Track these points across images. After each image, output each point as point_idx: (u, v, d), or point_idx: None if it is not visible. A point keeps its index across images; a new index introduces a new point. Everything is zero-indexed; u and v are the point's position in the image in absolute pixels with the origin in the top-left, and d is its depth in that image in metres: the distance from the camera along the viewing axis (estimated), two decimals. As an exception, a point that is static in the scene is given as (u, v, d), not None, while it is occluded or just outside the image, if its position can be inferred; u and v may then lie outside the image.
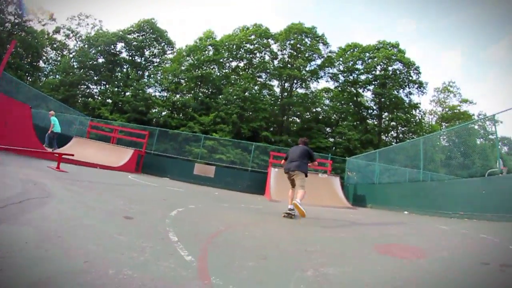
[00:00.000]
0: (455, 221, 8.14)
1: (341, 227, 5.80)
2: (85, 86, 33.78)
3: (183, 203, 6.04)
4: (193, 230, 3.46)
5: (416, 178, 13.63)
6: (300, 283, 2.01)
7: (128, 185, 8.27)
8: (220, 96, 30.70)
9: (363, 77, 34.64)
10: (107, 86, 33.13)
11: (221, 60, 33.69)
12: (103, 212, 3.51)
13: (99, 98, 32.40)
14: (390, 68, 33.61)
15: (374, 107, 35.54)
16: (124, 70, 35.09)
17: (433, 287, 2.26)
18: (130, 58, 35.38)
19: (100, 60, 34.18)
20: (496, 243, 4.58)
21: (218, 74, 33.42)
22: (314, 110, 34.11)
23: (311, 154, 6.87)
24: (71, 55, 35.88)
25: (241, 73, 34.55)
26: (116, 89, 31.85)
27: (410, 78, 34.06)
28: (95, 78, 33.61)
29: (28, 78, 34.32)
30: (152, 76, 34.43)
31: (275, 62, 34.34)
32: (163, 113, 30.25)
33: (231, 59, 35.07)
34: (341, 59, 34.81)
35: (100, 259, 1.87)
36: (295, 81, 33.83)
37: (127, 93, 30.91)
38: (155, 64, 36.21)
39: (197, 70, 31.93)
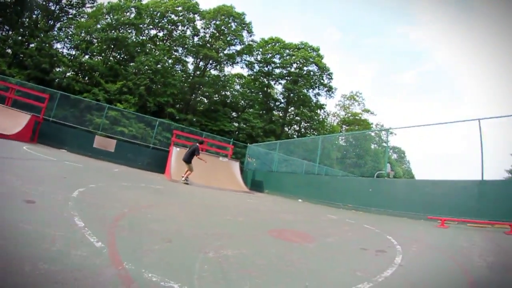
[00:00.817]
0: (343, 212, 9.52)
1: (239, 211, 6.25)
2: (-17, 29, 27.40)
3: (84, 181, 5.69)
4: (98, 214, 3.42)
5: (312, 171, 15.09)
6: (204, 264, 2.25)
7: (25, 159, 7.42)
8: (132, 64, 28.33)
9: (277, 70, 36.48)
10: (10, 32, 27.47)
11: (141, 25, 31.03)
12: (2, 196, 3.20)
13: (-3, 45, 26.74)
14: (305, 68, 36.04)
15: (282, 100, 38.01)
16: (34, 16, 29.48)
17: (317, 267, 2.76)
18: (44, 3, 29.32)
19: (9, -2, 27.74)
20: (376, 232, 5.61)
21: (134, 40, 30.63)
22: (223, 93, 34.56)
23: (194, 150, 11.68)
24: (-27, -13, 28.40)
25: (158, 43, 32.49)
26: (20, 38, 26.61)
27: (322, 81, 37.24)
28: (-2, 20, 27.35)
29: None
30: (63, 29, 29.61)
31: (195, 39, 33.30)
32: (68, 74, 26.62)
33: (151, 27, 32.67)
34: (260, 49, 35.82)
35: (12, 254, 1.78)
36: (210, 61, 33.46)
37: (32, 45, 26.10)
38: (70, 16, 30.95)
39: (113, 31, 28.75)
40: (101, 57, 29.13)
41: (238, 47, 34.17)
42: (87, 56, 28.77)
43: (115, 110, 20.09)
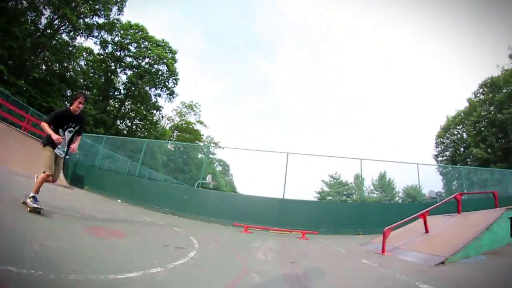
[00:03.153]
0: (160, 215, 10.03)
1: (56, 209, 5.89)
2: None
3: None
4: None
5: (134, 172, 14.79)
6: (31, 253, 2.49)
7: None
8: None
9: (129, 59, 34.31)
10: None
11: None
12: None
13: None
14: (156, 66, 35.28)
15: (122, 92, 35.63)
16: None
17: (121, 256, 3.28)
18: None
19: None
20: (183, 234, 6.31)
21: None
22: (65, 64, 29.08)
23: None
24: None
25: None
26: None
27: (167, 83, 37.15)
28: None
29: None
30: None
31: (63, -9, 27.01)
32: None
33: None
34: (121, 31, 32.87)
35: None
36: (66, 23, 27.70)
37: None
38: None
39: None
40: None
41: (101, 20, 29.80)
42: None
43: None
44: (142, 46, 34.17)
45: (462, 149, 43.11)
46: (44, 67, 27.59)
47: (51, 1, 25.37)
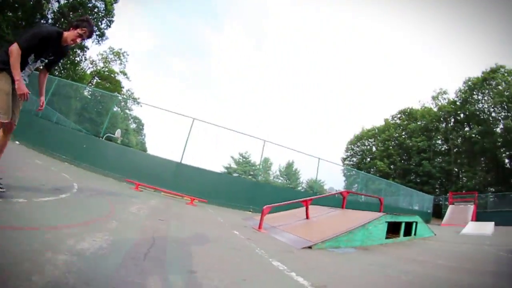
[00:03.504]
0: (55, 162, 9.70)
1: None
2: None
3: None
4: None
5: (43, 114, 13.86)
6: None
7: None
8: None
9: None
10: None
11: None
12: None
13: None
14: (93, 1, 32.14)
15: (50, 21, 31.15)
16: None
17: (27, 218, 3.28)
18: None
19: None
20: (69, 179, 6.26)
21: None
22: None
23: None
24: None
25: None
26: None
27: (100, 24, 33.86)
28: None
29: None
30: None
31: None
32: None
33: None
34: None
35: None
36: None
37: None
38: None
39: None
40: None
41: None
42: None
43: None
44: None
45: (368, 159, 48.87)
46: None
47: None
